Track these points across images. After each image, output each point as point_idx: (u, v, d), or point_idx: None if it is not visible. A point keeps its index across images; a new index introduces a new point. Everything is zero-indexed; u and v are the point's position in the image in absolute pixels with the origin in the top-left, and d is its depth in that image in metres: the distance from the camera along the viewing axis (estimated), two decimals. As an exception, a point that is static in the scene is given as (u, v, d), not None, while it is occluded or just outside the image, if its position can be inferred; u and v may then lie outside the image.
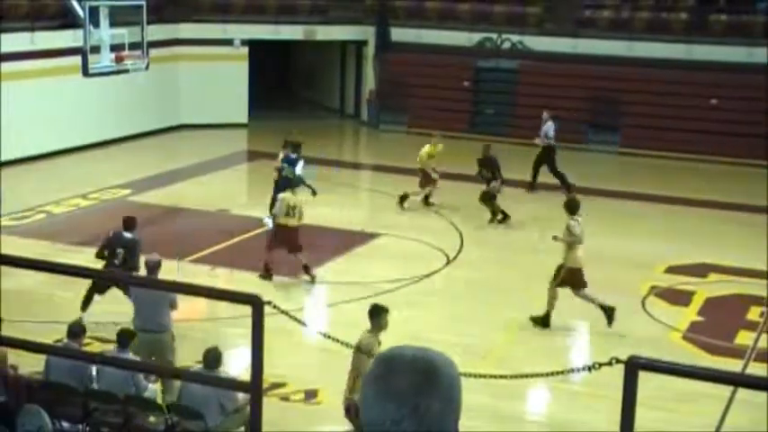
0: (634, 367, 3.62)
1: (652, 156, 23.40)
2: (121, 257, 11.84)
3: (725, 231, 17.71)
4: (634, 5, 25.82)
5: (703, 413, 10.30)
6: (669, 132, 23.78)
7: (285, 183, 15.19)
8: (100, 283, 11.78)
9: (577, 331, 13.68)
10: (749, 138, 23.02)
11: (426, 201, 18.67)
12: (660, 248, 16.31)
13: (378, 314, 9.21)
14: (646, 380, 3.68)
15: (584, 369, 7.04)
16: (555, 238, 12.91)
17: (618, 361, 4.32)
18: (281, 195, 14.45)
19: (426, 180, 18.44)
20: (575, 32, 25.56)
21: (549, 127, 20.35)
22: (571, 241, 12.65)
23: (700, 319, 13.52)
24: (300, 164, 16.36)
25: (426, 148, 18.52)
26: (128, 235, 12.08)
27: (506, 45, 26.14)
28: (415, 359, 1.98)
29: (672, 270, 15.39)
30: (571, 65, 24.98)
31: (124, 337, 9.24)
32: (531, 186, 20.29)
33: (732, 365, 11.37)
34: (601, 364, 5.98)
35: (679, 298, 14.23)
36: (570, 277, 12.63)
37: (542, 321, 12.82)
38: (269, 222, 15.85)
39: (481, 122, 26.01)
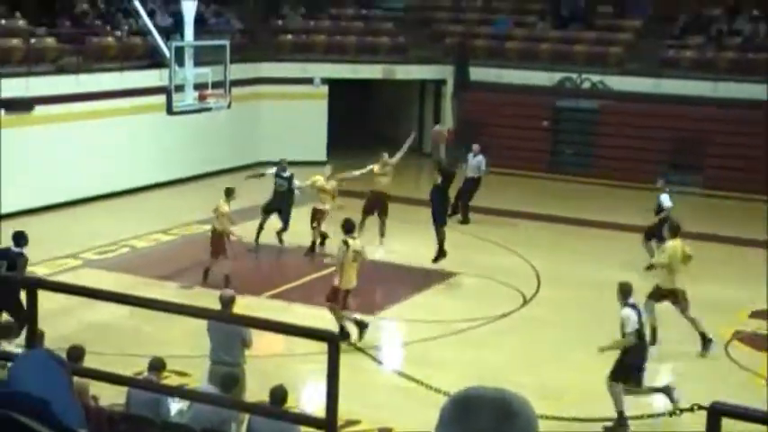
0: (716, 413, 3.52)
1: (736, 198, 22.90)
2: (3, 269, 12.45)
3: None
4: (719, 46, 25.44)
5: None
6: (754, 174, 23.26)
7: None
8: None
9: (658, 375, 13.40)
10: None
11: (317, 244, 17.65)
12: (744, 293, 15.89)
13: None
14: (728, 426, 3.58)
15: (664, 414, 6.88)
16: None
17: (700, 407, 4.22)
18: None
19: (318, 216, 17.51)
20: (657, 72, 25.27)
21: (481, 160, 20.14)
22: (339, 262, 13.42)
23: (786, 365, 13.11)
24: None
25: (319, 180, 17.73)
26: (15, 249, 12.74)
27: (586, 85, 25.99)
28: (493, 399, 1.96)
29: (756, 315, 14.98)
30: (653, 105, 24.68)
31: (156, 363, 9.49)
32: (465, 218, 20.09)
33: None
34: (682, 410, 5.84)
35: (763, 343, 13.82)
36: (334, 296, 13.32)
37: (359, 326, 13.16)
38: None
39: (561, 162, 25.85)
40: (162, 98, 18.51)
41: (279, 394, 8.85)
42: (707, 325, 14.35)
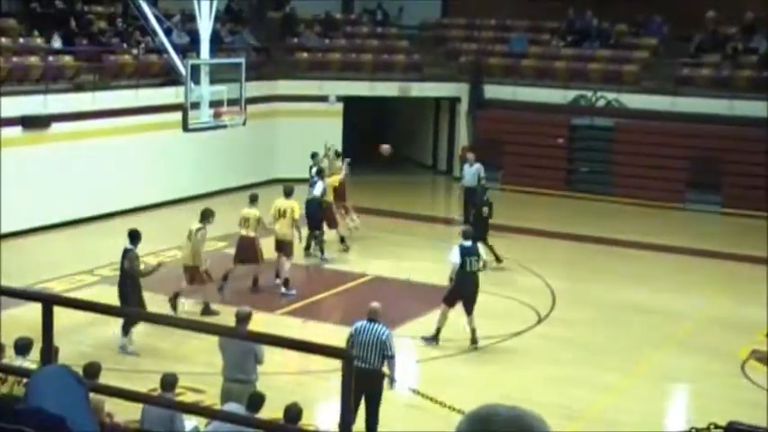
0: (734, 434, 3.50)
1: (755, 216, 22.77)
2: (120, 270, 13.31)
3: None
4: (735, 64, 25.37)
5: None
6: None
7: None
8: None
9: (678, 395, 13.33)
10: None
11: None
12: (762, 312, 15.78)
13: None
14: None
15: (681, 434, 6.83)
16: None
17: (716, 426, 4.19)
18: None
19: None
20: (673, 90, 25.22)
21: (479, 169, 20.22)
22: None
23: (804, 385, 13.00)
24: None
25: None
26: (127, 246, 13.44)
27: (601, 102, 25.96)
28: (509, 418, 1.96)
29: (774, 334, 14.87)
30: (669, 123, 24.62)
31: (168, 379, 9.48)
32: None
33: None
34: (699, 430, 5.80)
35: (782, 363, 13.72)
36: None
37: None
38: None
39: (576, 180, 25.80)
40: (178, 115, 18.56)
41: (293, 412, 8.84)
42: (725, 343, 14.27)
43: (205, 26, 18.77)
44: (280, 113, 26.18)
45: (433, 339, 13.88)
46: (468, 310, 13.70)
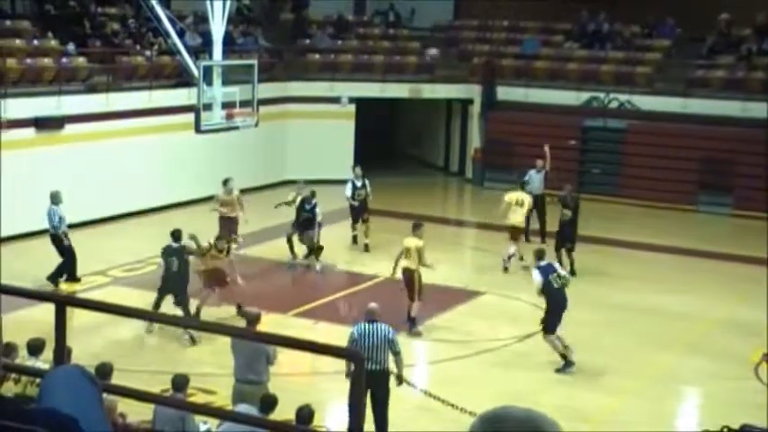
0: (746, 437, 3.49)
1: (767, 218, 22.67)
2: (175, 265, 13.70)
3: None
4: (748, 65, 25.27)
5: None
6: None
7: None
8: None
9: (687, 397, 13.29)
10: None
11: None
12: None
13: None
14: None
15: None
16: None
17: (729, 430, 4.18)
18: None
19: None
20: (686, 92, 25.14)
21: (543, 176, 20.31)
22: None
23: (817, 388, 12.93)
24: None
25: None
26: (175, 245, 13.94)
27: (614, 104, 25.89)
28: (521, 420, 1.96)
29: (787, 337, 14.80)
30: (681, 125, 24.54)
31: (179, 380, 9.50)
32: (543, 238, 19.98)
33: None
34: (711, 433, 5.79)
35: (794, 366, 13.65)
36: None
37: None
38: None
39: (588, 182, 25.70)
40: (190, 117, 18.63)
41: (305, 414, 8.84)
42: (737, 346, 14.21)
43: (218, 28, 18.83)
44: (291, 115, 26.21)
45: (567, 365, 13.27)
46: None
